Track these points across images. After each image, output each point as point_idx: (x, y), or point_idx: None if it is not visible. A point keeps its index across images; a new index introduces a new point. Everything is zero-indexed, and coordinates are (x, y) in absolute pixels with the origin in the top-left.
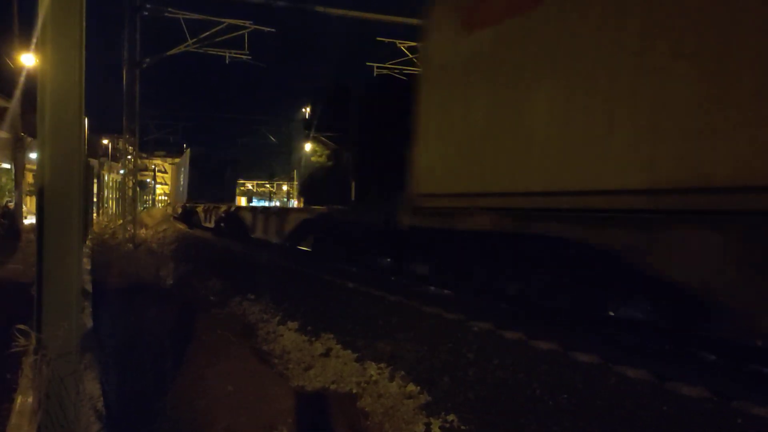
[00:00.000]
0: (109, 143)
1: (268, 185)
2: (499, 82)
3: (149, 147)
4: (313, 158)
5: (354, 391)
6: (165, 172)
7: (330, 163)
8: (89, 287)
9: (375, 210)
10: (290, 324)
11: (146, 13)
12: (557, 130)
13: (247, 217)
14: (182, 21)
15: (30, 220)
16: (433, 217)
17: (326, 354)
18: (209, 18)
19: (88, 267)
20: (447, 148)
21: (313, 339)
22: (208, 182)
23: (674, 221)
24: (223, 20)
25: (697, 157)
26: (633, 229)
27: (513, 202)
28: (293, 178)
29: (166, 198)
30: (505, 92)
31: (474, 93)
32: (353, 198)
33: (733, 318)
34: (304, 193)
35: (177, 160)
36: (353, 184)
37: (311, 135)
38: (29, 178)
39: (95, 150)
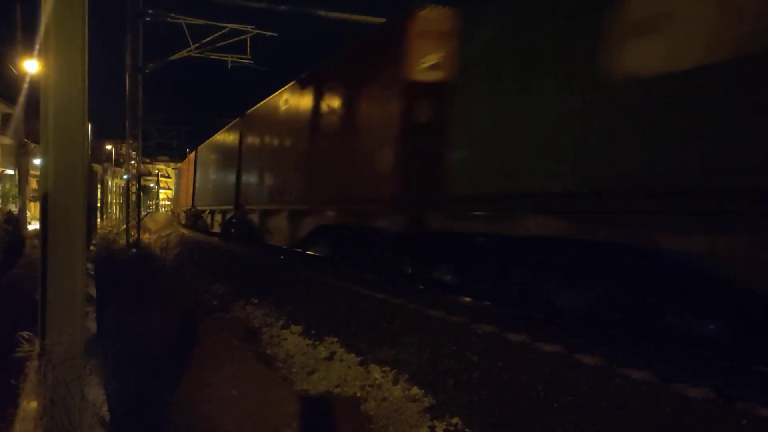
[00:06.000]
0: (112, 148)
1: None
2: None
3: (152, 152)
4: None
5: (358, 394)
6: (168, 176)
7: None
8: (93, 292)
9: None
10: (294, 328)
11: (148, 19)
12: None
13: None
14: (184, 26)
15: (34, 226)
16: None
17: (330, 358)
18: (211, 23)
19: (92, 272)
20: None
21: (317, 343)
22: None
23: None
24: (224, 25)
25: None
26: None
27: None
28: None
29: (169, 203)
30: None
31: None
32: None
33: None
34: None
35: (180, 164)
36: None
37: None
38: (33, 184)
39: (99, 155)
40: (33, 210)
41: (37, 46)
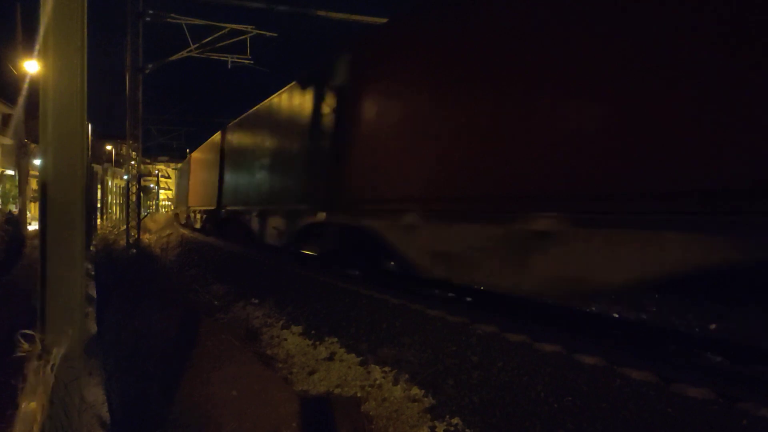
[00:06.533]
0: (112, 149)
1: None
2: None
3: (152, 152)
4: None
5: (358, 395)
6: (168, 177)
7: None
8: (93, 292)
9: None
10: (294, 328)
11: (148, 19)
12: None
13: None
14: (184, 26)
15: (33, 226)
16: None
17: (330, 358)
18: (211, 23)
19: (93, 273)
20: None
21: (317, 343)
22: None
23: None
24: (225, 25)
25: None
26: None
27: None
28: None
29: (169, 203)
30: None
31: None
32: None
33: None
34: None
35: (180, 165)
36: None
37: None
38: (33, 184)
39: (99, 155)
40: (33, 210)
41: (36, 47)
